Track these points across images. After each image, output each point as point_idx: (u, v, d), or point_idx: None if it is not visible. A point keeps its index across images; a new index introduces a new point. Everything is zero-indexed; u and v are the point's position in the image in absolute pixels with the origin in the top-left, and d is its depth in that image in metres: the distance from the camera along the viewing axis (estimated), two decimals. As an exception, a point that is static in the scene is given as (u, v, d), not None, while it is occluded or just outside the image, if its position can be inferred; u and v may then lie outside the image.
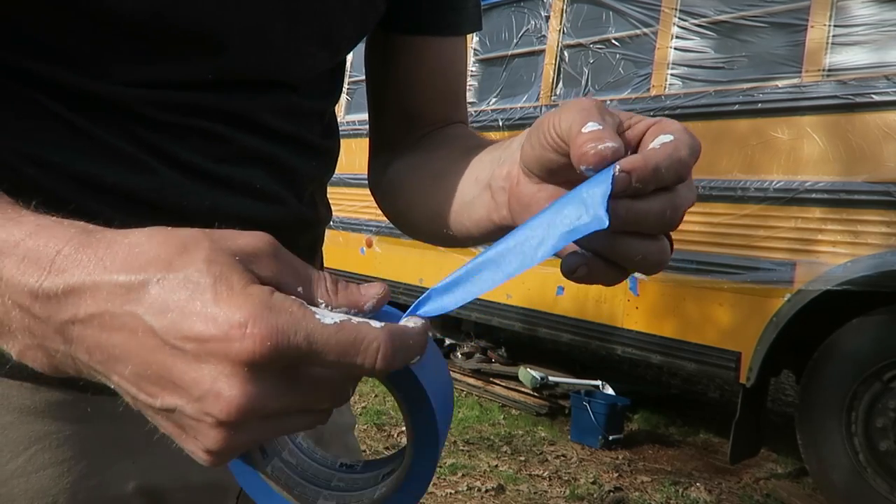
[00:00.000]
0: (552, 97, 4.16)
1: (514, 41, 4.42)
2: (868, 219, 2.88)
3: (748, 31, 3.32)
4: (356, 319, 0.30)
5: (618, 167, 0.35)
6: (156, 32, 0.46)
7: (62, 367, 0.34)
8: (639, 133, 0.39)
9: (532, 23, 4.34)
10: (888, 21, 2.92)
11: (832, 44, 3.03)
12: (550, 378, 4.39)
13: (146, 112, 0.48)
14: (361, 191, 4.98)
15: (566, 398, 4.20)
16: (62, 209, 0.35)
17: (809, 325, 3.08)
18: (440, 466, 3.32)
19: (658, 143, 0.37)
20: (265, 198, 0.55)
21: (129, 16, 0.45)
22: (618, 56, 3.86)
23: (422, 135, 0.67)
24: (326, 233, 0.68)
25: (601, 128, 0.36)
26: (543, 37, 4.25)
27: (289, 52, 0.54)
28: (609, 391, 4.13)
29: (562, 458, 3.58)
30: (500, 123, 4.32)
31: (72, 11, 0.44)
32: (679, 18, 3.56)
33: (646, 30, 3.71)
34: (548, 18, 4.24)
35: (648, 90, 3.65)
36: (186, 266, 0.30)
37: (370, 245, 5.13)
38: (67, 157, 0.46)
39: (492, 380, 4.65)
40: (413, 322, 0.33)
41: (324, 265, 0.69)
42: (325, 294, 0.33)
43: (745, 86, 3.28)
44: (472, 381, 4.64)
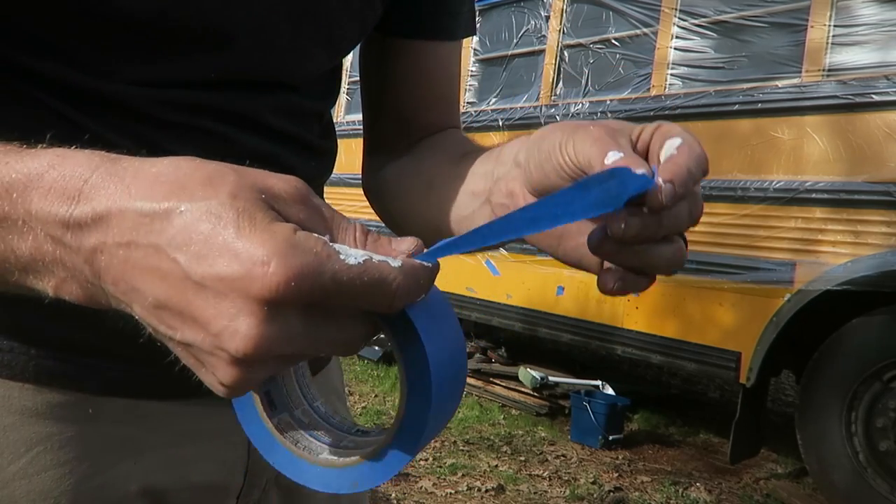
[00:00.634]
0: (552, 97, 4.16)
1: (514, 41, 4.42)
2: (868, 219, 2.88)
3: (748, 31, 3.32)
4: (376, 258, 0.30)
5: (660, 179, 0.35)
6: (160, 31, 0.46)
7: (97, 298, 0.33)
8: (645, 141, 0.40)
9: (532, 23, 4.34)
10: (888, 21, 2.92)
11: (832, 44, 3.03)
12: (550, 378, 4.39)
13: (149, 111, 0.48)
14: (361, 191, 4.97)
15: (566, 398, 4.20)
16: None
17: (809, 325, 3.08)
18: (440, 466, 3.32)
19: (673, 148, 0.37)
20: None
21: (135, 14, 0.45)
22: (618, 56, 3.86)
23: (415, 140, 0.67)
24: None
25: (624, 156, 0.37)
26: (543, 37, 4.25)
27: (292, 53, 0.54)
28: (609, 391, 4.13)
29: (562, 458, 3.58)
30: (500, 123, 4.32)
31: (77, 10, 0.44)
32: (679, 18, 3.56)
33: (646, 30, 3.71)
34: (548, 18, 4.24)
35: (648, 90, 3.65)
36: (210, 198, 0.30)
37: (370, 245, 5.12)
38: None
39: (492, 380, 4.65)
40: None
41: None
42: (354, 244, 0.32)
43: (746, 86, 3.28)
44: (472, 381, 4.64)
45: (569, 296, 3.95)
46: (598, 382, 4.25)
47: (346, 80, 5.47)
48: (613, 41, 3.88)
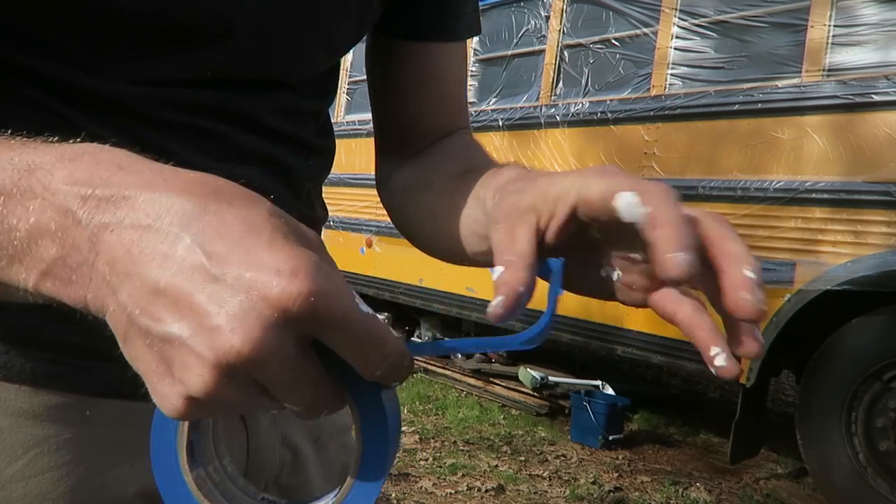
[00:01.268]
0: (552, 97, 4.16)
1: (514, 41, 4.42)
2: (868, 219, 2.87)
3: (748, 31, 3.32)
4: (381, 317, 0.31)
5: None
6: (159, 29, 0.46)
7: (73, 290, 0.32)
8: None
9: (532, 23, 4.34)
10: (888, 21, 2.92)
11: (832, 44, 3.03)
12: (550, 378, 4.39)
13: (147, 110, 0.48)
14: (361, 191, 4.97)
15: (566, 398, 4.20)
16: None
17: (809, 325, 3.08)
18: (440, 466, 3.32)
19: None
20: (264, 196, 0.55)
21: (134, 12, 0.44)
22: (618, 56, 3.86)
23: (423, 143, 0.67)
24: (326, 233, 0.68)
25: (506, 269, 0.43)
26: (543, 37, 4.25)
27: (290, 52, 0.54)
28: (609, 391, 4.13)
29: (562, 458, 3.58)
30: (500, 123, 4.32)
31: (75, 9, 0.43)
32: (679, 18, 3.55)
33: (646, 30, 3.71)
34: (548, 18, 4.24)
35: (648, 90, 3.65)
36: (248, 207, 0.30)
37: (370, 245, 5.12)
38: None
39: (492, 380, 4.65)
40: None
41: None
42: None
43: (746, 86, 3.28)
44: (472, 381, 4.65)
45: (569, 295, 3.92)
46: (598, 382, 4.25)
47: (346, 80, 5.47)
48: (613, 41, 3.88)
